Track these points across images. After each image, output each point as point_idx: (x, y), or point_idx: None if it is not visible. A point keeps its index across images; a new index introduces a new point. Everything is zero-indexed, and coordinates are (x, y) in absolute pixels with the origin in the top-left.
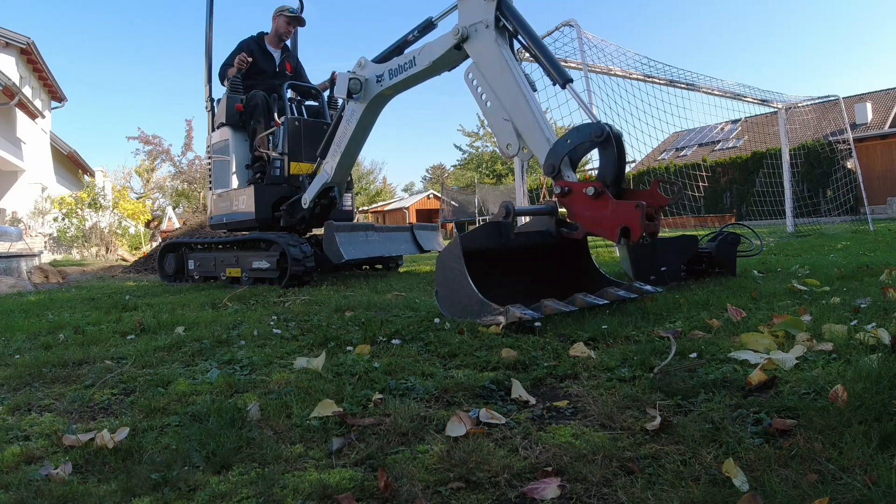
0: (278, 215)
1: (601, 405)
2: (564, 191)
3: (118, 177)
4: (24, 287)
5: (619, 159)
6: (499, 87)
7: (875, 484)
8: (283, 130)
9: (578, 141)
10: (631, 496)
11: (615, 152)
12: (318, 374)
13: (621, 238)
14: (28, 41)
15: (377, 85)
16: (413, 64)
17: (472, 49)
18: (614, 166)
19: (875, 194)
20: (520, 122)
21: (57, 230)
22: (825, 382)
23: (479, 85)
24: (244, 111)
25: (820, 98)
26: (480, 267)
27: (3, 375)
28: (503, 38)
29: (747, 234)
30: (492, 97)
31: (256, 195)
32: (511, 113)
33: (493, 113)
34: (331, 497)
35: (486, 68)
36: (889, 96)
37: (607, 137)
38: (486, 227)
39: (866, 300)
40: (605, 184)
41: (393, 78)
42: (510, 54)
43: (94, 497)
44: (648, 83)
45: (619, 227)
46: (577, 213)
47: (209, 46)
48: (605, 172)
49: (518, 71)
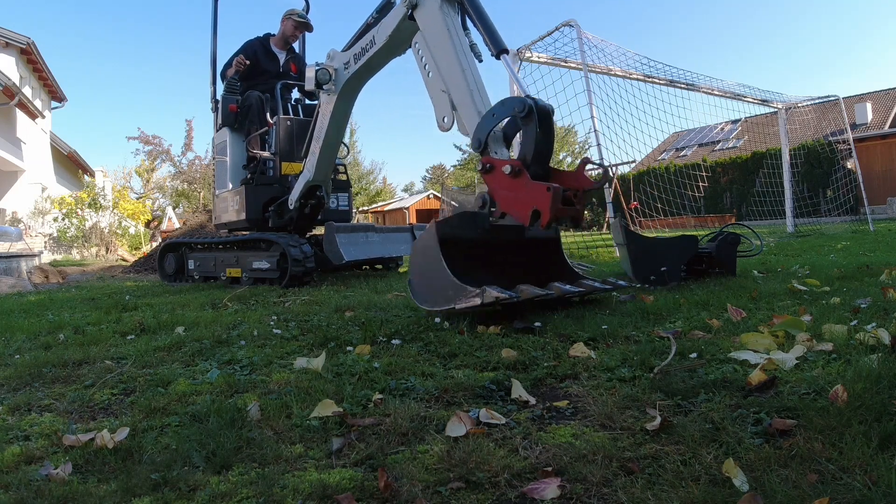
0: (268, 216)
1: (601, 405)
2: (486, 167)
3: (118, 177)
4: (24, 287)
5: (542, 137)
6: (439, 57)
7: (875, 484)
8: (274, 130)
9: (503, 115)
10: (631, 496)
11: (536, 129)
12: (318, 374)
13: (533, 221)
14: (28, 41)
15: (346, 73)
16: (373, 43)
17: (420, 17)
18: (533, 143)
19: (875, 194)
20: (455, 93)
21: (57, 230)
22: (825, 382)
23: (424, 55)
24: (240, 112)
25: (820, 98)
26: (456, 255)
27: (3, 375)
28: (451, 7)
29: (747, 234)
30: (433, 68)
31: (247, 196)
32: (448, 83)
33: (432, 84)
34: (331, 497)
35: (430, 36)
36: (889, 96)
37: (528, 112)
38: (462, 216)
39: (866, 300)
40: (525, 162)
41: (358, 62)
42: (455, 23)
43: (94, 497)
44: (648, 83)
45: (531, 209)
46: (496, 191)
47: (214, 47)
48: (525, 150)
49: (460, 40)
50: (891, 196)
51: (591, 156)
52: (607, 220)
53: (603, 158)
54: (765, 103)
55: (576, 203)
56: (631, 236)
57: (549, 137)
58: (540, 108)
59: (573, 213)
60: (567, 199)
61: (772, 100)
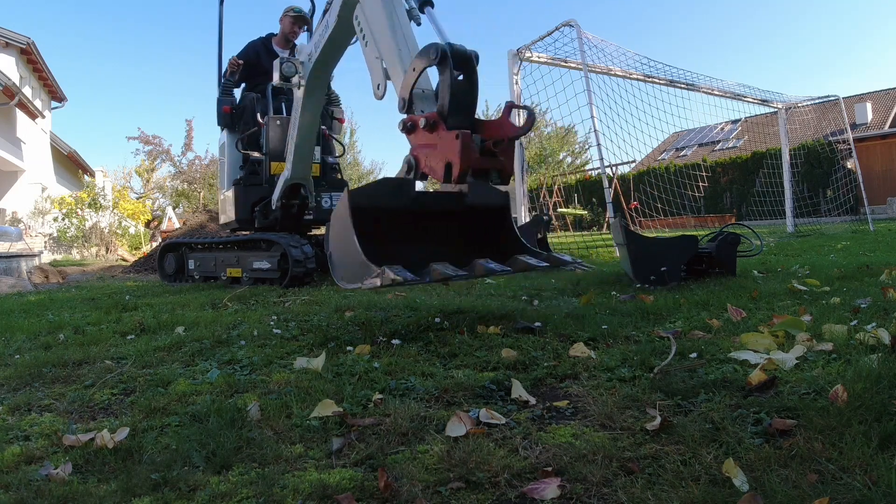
0: (255, 216)
1: (601, 405)
2: (407, 126)
3: (118, 177)
4: (24, 287)
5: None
6: (373, 22)
7: (875, 484)
8: (264, 131)
9: (423, 65)
10: (631, 496)
11: (451, 75)
12: (318, 374)
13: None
14: (28, 41)
15: (310, 63)
16: (327, 26)
17: None
18: (449, 90)
19: (875, 194)
20: (386, 56)
21: (57, 230)
22: (825, 382)
23: (363, 25)
24: (234, 113)
25: (820, 98)
26: (376, 228)
27: (3, 375)
28: None
29: (747, 234)
30: (370, 37)
31: (237, 196)
32: (380, 48)
33: (368, 53)
34: (331, 497)
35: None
36: (889, 96)
37: (442, 57)
38: (382, 183)
39: (866, 300)
40: (442, 114)
41: (318, 49)
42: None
43: (94, 497)
44: (648, 83)
45: (445, 162)
46: (415, 148)
47: (220, 50)
48: (441, 100)
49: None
50: (891, 196)
51: (591, 157)
52: (607, 220)
53: (603, 158)
54: (765, 103)
55: (499, 154)
56: (631, 236)
57: (470, 84)
58: (456, 51)
59: (496, 164)
60: (487, 149)
61: (772, 100)
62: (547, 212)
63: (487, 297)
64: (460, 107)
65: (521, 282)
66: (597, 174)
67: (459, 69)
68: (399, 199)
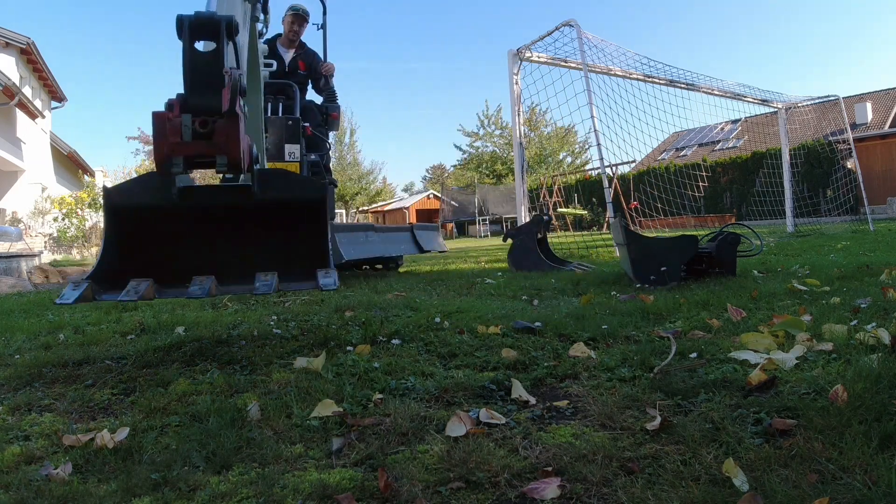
0: None
1: (601, 405)
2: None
3: (118, 177)
4: (24, 287)
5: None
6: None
7: (875, 484)
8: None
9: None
10: (631, 496)
11: (186, 47)
12: (318, 374)
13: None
14: (28, 41)
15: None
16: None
17: None
18: (184, 67)
19: (875, 194)
20: None
21: (57, 230)
22: (825, 382)
23: None
24: None
25: (820, 98)
26: (140, 231)
27: (3, 375)
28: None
29: (747, 234)
30: None
31: None
32: None
33: None
34: (331, 497)
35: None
36: (889, 96)
37: (179, 28)
38: (144, 179)
39: (866, 300)
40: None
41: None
42: None
43: (94, 497)
44: (648, 83)
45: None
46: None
47: None
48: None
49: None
50: (891, 196)
51: (591, 157)
52: (607, 220)
53: (603, 158)
54: (765, 103)
55: (215, 135)
56: (631, 236)
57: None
58: (192, 20)
59: (210, 149)
60: (196, 131)
61: (772, 100)
62: (547, 212)
63: (487, 297)
64: (197, 86)
65: (521, 282)
66: (597, 174)
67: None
68: (162, 194)
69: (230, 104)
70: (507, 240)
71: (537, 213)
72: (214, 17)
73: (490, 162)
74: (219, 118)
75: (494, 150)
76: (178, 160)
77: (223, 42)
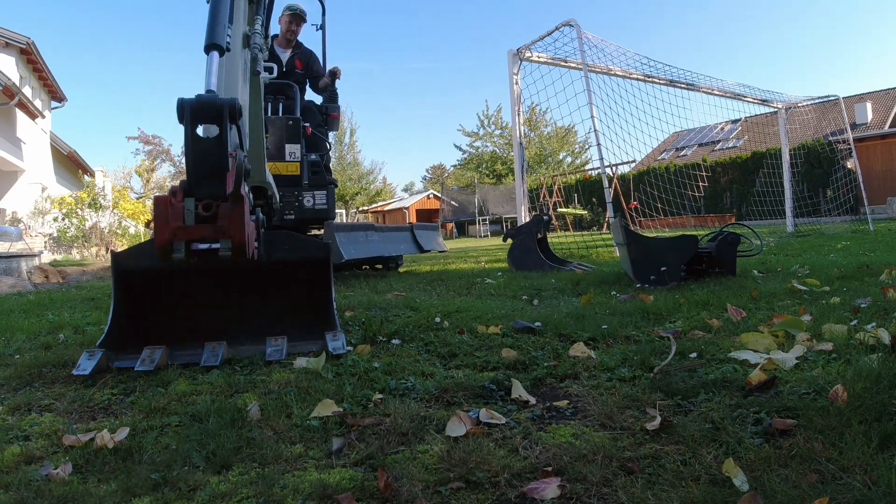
0: None
1: (601, 405)
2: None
3: (118, 177)
4: (24, 287)
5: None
6: None
7: (875, 484)
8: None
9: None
10: (631, 496)
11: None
12: (318, 374)
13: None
14: (28, 41)
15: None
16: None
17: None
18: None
19: (875, 194)
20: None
21: (57, 230)
22: (825, 382)
23: None
24: None
25: (820, 98)
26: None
27: (3, 375)
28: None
29: (747, 234)
30: None
31: None
32: None
33: None
34: (331, 497)
35: None
36: (889, 96)
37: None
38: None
39: (866, 300)
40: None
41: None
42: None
43: (94, 497)
44: (648, 83)
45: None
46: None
47: None
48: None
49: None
50: (891, 196)
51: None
52: (607, 220)
53: (603, 158)
54: (765, 103)
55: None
56: (631, 236)
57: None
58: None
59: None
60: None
61: (772, 99)
62: (547, 212)
63: (487, 296)
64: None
65: (521, 282)
66: (597, 174)
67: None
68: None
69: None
70: (507, 240)
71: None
72: (216, 102)
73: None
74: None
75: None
76: (180, 245)
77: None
